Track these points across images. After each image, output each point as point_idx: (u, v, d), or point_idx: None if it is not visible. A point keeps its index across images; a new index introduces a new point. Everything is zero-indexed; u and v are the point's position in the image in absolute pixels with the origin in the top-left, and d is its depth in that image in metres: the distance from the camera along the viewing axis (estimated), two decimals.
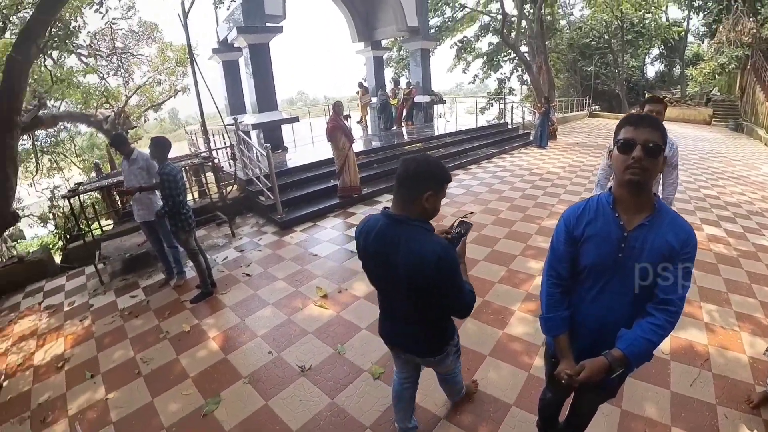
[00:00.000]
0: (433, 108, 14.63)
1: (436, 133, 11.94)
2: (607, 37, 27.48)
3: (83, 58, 12.63)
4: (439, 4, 22.40)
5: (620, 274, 1.53)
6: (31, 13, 6.43)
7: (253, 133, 9.94)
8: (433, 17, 21.88)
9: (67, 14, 8.61)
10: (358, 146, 9.31)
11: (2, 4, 6.92)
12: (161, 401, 3.06)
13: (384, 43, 16.58)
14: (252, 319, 3.97)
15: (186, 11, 6.70)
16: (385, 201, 6.84)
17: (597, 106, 27.36)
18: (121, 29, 13.65)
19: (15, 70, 5.62)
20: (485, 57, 26.36)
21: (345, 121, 6.95)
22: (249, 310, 4.13)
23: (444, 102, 15.46)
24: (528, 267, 4.57)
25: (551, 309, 1.71)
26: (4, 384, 3.60)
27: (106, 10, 7.12)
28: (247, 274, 4.88)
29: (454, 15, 23.79)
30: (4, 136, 5.68)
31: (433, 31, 17.68)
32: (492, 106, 22.57)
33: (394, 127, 13.28)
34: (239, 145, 7.79)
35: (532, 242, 5.22)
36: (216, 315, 4.13)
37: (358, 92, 14.73)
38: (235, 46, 11.19)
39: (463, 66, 26.02)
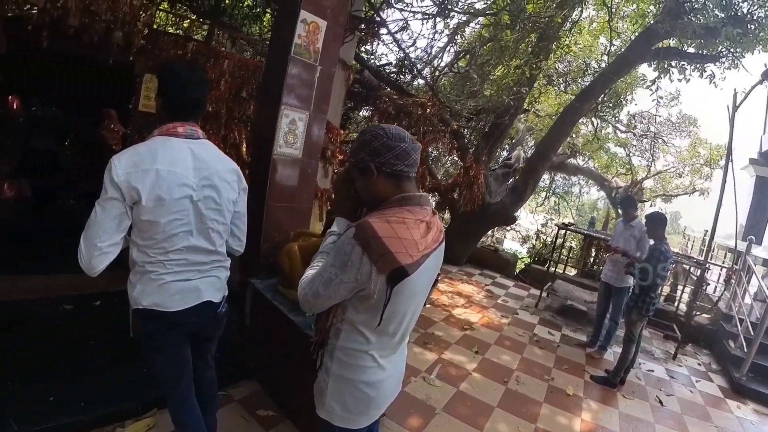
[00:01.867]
0: None
1: None
2: None
3: (618, 132, 13.54)
4: None
5: None
6: (590, 81, 7.64)
7: (760, 269, 7.79)
8: None
9: (620, 88, 9.39)
10: None
11: (572, 71, 8.74)
12: (499, 415, 3.22)
13: None
14: None
15: (736, 105, 5.80)
16: None
17: None
18: (659, 116, 13.57)
19: (569, 113, 6.90)
20: None
21: None
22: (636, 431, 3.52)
23: None
24: None
25: None
26: (426, 306, 4.85)
27: (657, 88, 7.20)
28: (660, 402, 4.11)
29: None
30: (544, 162, 7.16)
31: None
32: None
33: None
34: (740, 271, 6.33)
35: None
36: (603, 406, 3.78)
37: None
38: None
39: None
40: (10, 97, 4.76)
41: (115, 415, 2.28)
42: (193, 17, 5.31)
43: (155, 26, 4.00)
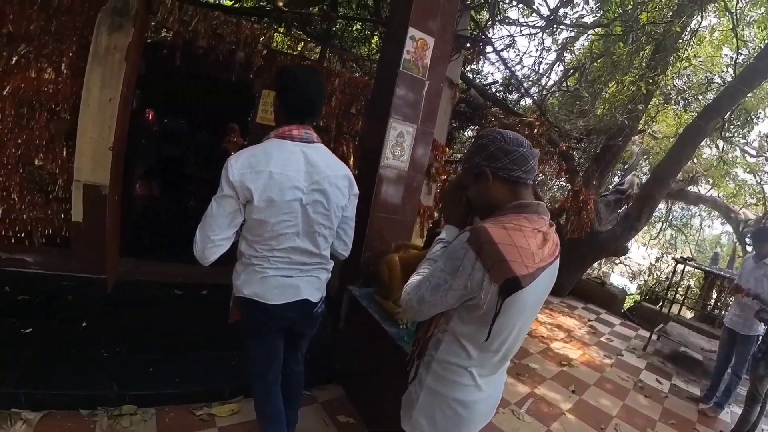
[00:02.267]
0: None
1: None
2: None
3: (748, 155, 11.67)
4: None
5: None
6: (714, 97, 6.60)
7: None
8: None
9: (750, 104, 8.06)
10: None
11: (692, 87, 8.01)
12: None
13: None
14: None
15: None
16: None
17: None
18: None
19: (691, 133, 6.10)
20: None
21: None
22: None
23: None
24: None
25: None
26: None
27: None
28: None
29: None
30: (661, 188, 6.45)
31: None
32: None
33: None
34: None
35: None
36: None
37: None
38: None
39: None
40: (146, 110, 5.49)
41: (204, 395, 2.45)
42: (307, 40, 5.70)
43: (273, 47, 4.35)
